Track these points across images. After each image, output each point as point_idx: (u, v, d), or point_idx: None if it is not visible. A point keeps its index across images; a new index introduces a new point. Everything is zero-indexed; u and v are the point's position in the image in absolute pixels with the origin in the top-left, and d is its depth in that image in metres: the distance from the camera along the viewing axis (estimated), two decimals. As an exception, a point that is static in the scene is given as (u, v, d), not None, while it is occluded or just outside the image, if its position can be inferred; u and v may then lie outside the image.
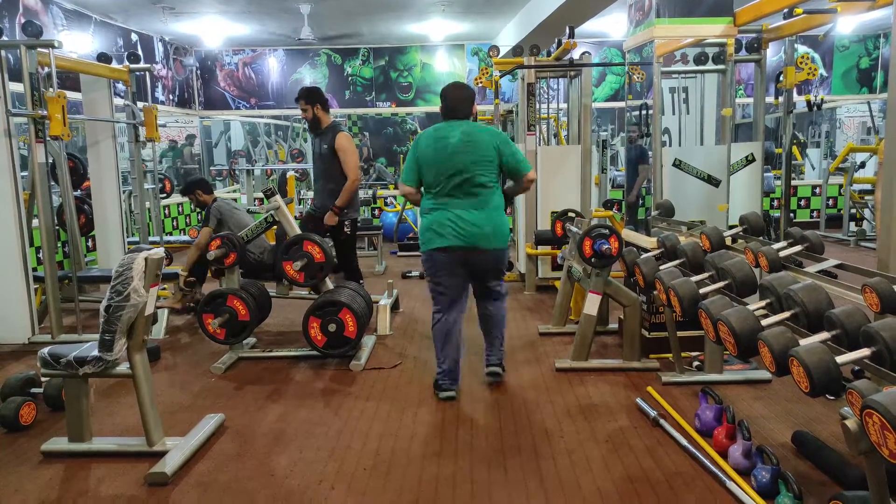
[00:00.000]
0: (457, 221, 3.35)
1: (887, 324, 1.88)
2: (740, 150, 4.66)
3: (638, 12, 4.35)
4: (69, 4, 7.25)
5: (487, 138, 3.40)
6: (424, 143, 3.42)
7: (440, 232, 3.38)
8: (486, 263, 3.47)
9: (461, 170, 3.34)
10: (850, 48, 10.37)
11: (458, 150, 3.35)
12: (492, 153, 3.38)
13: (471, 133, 3.39)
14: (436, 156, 3.37)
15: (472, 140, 3.37)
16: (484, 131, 3.44)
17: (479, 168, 3.36)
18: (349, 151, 4.62)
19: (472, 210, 3.37)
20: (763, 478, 2.43)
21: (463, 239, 3.36)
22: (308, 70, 10.47)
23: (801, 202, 9.95)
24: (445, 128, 3.42)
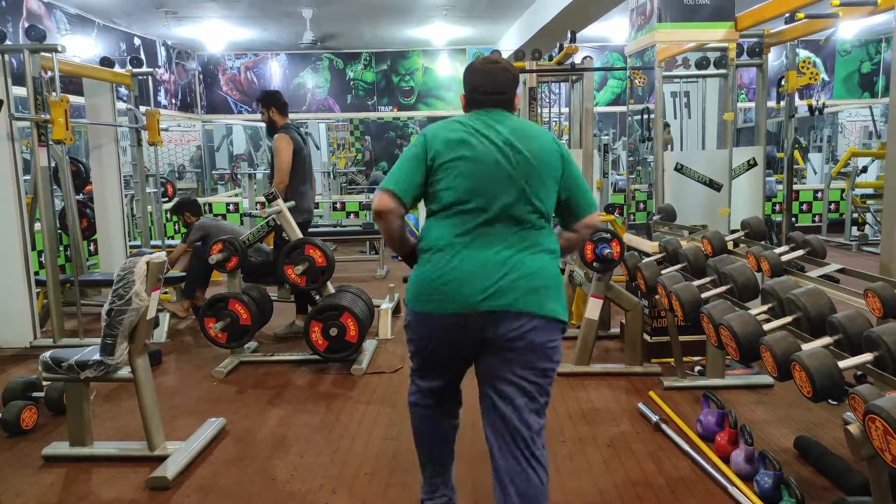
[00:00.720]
0: (483, 266, 1.92)
1: (890, 328, 1.88)
2: (742, 154, 4.65)
3: (639, 17, 4.35)
4: (72, 9, 7.28)
5: (551, 144, 2.06)
6: (447, 137, 2.01)
7: (451, 281, 1.92)
8: (528, 345, 1.93)
9: (512, 190, 1.96)
10: (852, 53, 10.37)
11: (510, 158, 1.97)
12: (556, 165, 2.04)
13: (527, 132, 2.04)
14: (472, 161, 1.97)
15: (529, 142, 2.01)
16: (543, 133, 2.10)
17: (536, 184, 1.99)
18: (279, 152, 4.47)
19: (514, 248, 1.96)
20: (765, 483, 2.42)
21: (492, 296, 1.90)
22: (310, 74, 10.50)
23: (803, 206, 9.93)
24: (481, 120, 2.03)
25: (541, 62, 5.98)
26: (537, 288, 1.94)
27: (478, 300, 1.90)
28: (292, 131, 4.56)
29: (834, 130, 11.37)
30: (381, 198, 1.98)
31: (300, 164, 4.56)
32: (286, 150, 4.45)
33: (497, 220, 1.97)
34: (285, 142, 4.47)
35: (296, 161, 4.51)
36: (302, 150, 4.58)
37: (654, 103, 4.47)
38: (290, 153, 4.46)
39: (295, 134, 4.56)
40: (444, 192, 1.99)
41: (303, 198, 4.62)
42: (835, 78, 10.45)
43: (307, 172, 4.67)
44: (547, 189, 2.02)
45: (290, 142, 4.47)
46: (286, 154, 4.45)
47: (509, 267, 1.93)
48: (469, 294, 1.91)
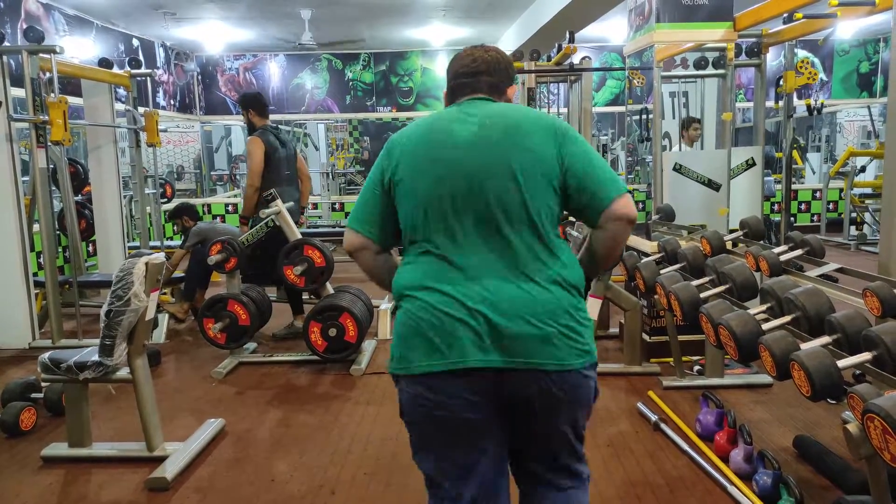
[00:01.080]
0: (478, 305, 1.45)
1: (888, 328, 1.88)
2: (741, 154, 4.66)
3: (638, 17, 4.36)
4: (71, 10, 7.27)
5: (539, 126, 1.55)
6: (406, 147, 1.59)
7: (438, 333, 1.46)
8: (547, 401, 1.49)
9: (483, 191, 1.50)
10: (850, 52, 10.38)
11: (477, 152, 1.52)
12: (550, 157, 1.52)
13: (503, 116, 1.57)
14: (429, 170, 1.54)
15: (506, 128, 1.54)
16: (528, 114, 1.61)
17: (521, 186, 1.50)
18: (250, 155, 4.46)
19: (512, 278, 1.48)
20: (764, 482, 2.42)
21: (494, 346, 1.44)
22: (309, 75, 10.49)
23: (802, 206, 9.94)
24: (449, 115, 1.61)
25: (539, 62, 5.98)
26: (541, 336, 1.43)
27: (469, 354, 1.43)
28: (267, 134, 4.53)
29: (832, 130, 11.39)
30: (350, 238, 1.66)
31: (275, 167, 4.51)
32: (256, 153, 4.44)
33: (479, 234, 1.49)
34: (256, 145, 4.46)
35: (270, 163, 4.47)
36: (276, 151, 4.51)
37: (653, 103, 4.47)
38: (261, 156, 4.43)
39: (270, 136, 4.52)
40: (407, 215, 1.56)
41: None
42: (833, 78, 10.46)
43: (283, 175, 4.59)
44: (542, 183, 1.50)
45: (261, 145, 4.44)
46: (256, 157, 4.44)
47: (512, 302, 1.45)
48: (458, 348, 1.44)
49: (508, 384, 1.46)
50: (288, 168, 4.65)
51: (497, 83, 1.68)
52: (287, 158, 4.64)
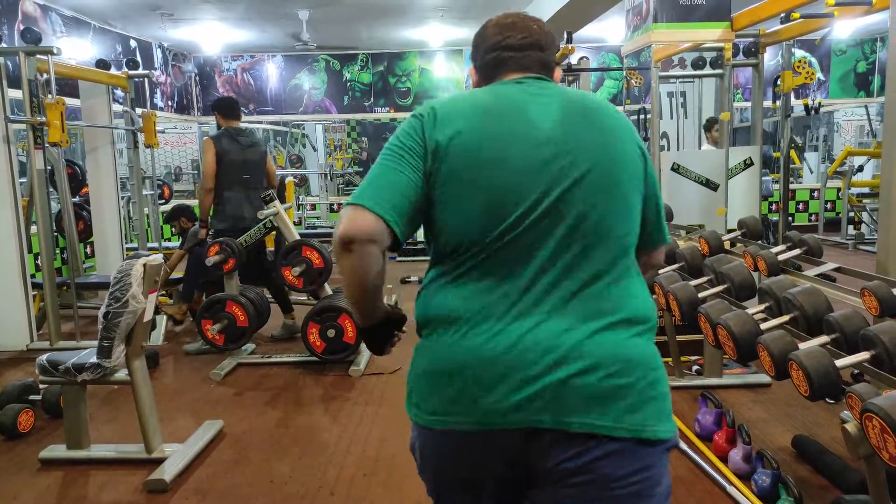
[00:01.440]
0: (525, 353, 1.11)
1: (886, 327, 1.88)
2: (738, 153, 4.66)
3: (636, 17, 4.36)
4: (68, 11, 7.26)
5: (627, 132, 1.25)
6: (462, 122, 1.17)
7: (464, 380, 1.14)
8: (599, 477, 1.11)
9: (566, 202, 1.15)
10: (848, 52, 10.39)
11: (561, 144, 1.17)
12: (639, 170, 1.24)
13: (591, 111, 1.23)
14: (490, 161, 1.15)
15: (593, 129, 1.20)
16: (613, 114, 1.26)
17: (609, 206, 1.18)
18: (202, 158, 4.46)
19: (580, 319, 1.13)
20: (763, 482, 2.42)
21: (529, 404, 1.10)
22: (306, 76, 10.49)
23: (800, 206, 9.96)
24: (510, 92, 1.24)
25: (537, 63, 5.98)
26: (607, 389, 1.10)
27: (504, 409, 1.10)
28: (222, 137, 4.48)
29: (830, 130, 11.39)
30: (353, 217, 1.13)
31: (227, 170, 4.44)
32: (207, 155, 4.43)
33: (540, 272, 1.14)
34: (207, 147, 4.45)
35: (221, 166, 4.43)
36: (229, 154, 4.44)
37: (651, 103, 4.47)
38: (212, 158, 4.40)
39: (224, 139, 4.47)
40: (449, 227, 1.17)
41: (227, 203, 4.48)
42: (830, 77, 10.47)
43: (239, 178, 4.50)
44: (626, 206, 1.20)
45: (211, 147, 4.42)
46: (207, 159, 4.43)
47: (562, 351, 1.10)
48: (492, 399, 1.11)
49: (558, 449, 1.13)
50: (247, 172, 4.53)
51: (549, 62, 1.31)
52: (246, 162, 4.53)
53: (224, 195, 4.48)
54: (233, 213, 4.49)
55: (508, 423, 1.11)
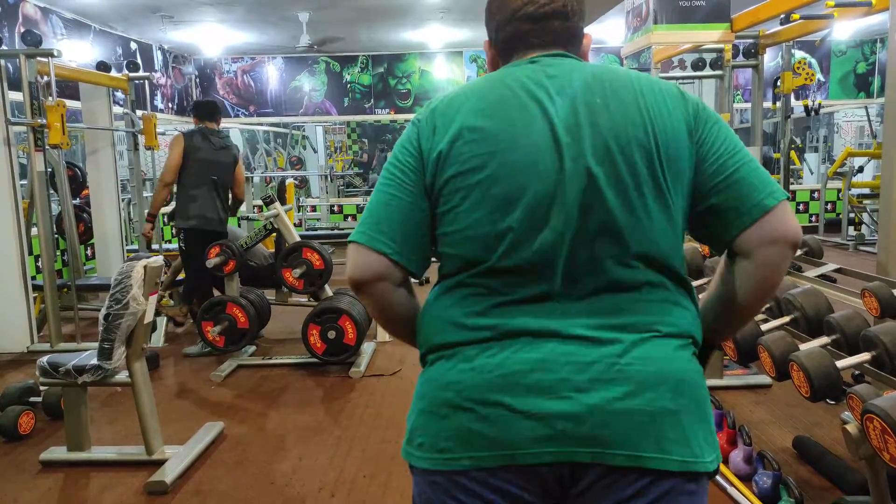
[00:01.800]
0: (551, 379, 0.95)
1: (887, 328, 1.88)
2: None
3: (636, 19, 4.37)
4: (69, 13, 7.27)
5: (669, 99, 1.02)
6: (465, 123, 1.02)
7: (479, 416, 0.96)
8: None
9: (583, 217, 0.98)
10: (847, 53, 10.40)
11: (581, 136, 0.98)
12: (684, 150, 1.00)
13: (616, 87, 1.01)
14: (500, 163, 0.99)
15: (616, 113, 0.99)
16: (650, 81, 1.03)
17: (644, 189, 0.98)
18: (169, 150, 4.36)
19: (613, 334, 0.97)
20: (764, 483, 2.42)
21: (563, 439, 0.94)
22: (307, 77, 10.50)
23: (800, 207, 9.95)
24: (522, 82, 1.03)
25: (537, 64, 5.98)
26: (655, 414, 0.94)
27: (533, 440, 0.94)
28: (194, 134, 4.42)
29: (830, 130, 11.40)
30: (355, 258, 1.05)
31: (194, 168, 4.37)
32: (174, 149, 4.35)
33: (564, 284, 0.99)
34: (175, 141, 4.38)
35: (188, 163, 4.35)
36: (198, 152, 4.36)
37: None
38: (178, 153, 4.32)
39: (196, 137, 4.40)
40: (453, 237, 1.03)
41: (192, 202, 4.38)
42: (830, 78, 10.47)
43: (206, 179, 4.39)
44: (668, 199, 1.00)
45: (180, 142, 4.35)
46: (173, 153, 4.35)
47: (594, 372, 0.95)
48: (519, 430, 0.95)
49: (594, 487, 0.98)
50: (216, 173, 4.43)
51: (576, 31, 1.11)
52: (216, 163, 4.44)
53: (191, 193, 4.38)
54: (198, 212, 4.38)
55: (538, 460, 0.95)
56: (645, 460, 0.93)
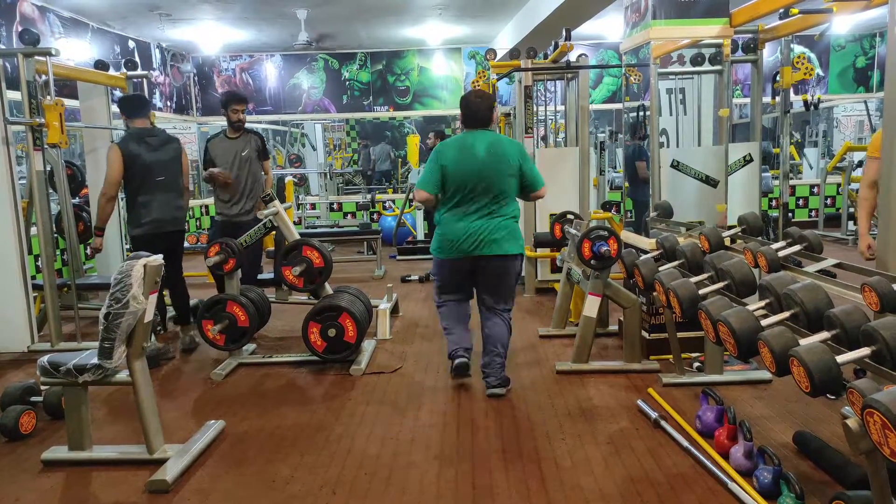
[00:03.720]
0: (474, 231, 3.46)
1: (887, 323, 1.88)
2: (738, 150, 4.66)
3: (634, 14, 4.35)
4: (66, 12, 7.26)
5: (511, 150, 3.53)
6: (450, 154, 3.50)
7: (457, 238, 3.48)
8: (500, 269, 3.54)
9: (485, 181, 3.45)
10: (847, 47, 10.38)
11: (485, 162, 3.45)
12: (515, 165, 3.49)
13: (496, 144, 3.51)
14: (461, 166, 3.46)
15: (497, 151, 3.48)
16: (509, 144, 3.60)
17: (502, 180, 3.48)
18: (107, 164, 4.27)
19: (491, 218, 3.48)
20: (765, 478, 2.43)
21: (478, 246, 3.46)
22: (305, 75, 10.48)
23: (800, 202, 9.95)
24: (470, 138, 3.52)
25: (536, 60, 5.98)
26: (501, 240, 3.49)
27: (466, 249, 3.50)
28: (128, 141, 4.29)
29: (829, 125, 11.39)
30: (420, 194, 3.57)
31: (140, 173, 4.28)
32: (113, 162, 4.24)
33: (481, 198, 3.48)
34: (112, 153, 4.25)
35: (133, 171, 4.26)
36: (139, 158, 4.26)
37: (650, 100, 4.47)
38: (118, 166, 4.22)
39: (131, 144, 4.27)
40: (449, 186, 3.52)
41: (143, 208, 4.31)
42: (829, 73, 10.46)
43: (154, 181, 4.33)
44: (511, 179, 3.51)
45: (118, 154, 4.23)
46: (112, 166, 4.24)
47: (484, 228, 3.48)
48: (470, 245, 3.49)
49: (488, 263, 3.51)
50: (161, 173, 4.37)
51: (488, 120, 3.60)
52: (158, 163, 4.36)
53: (138, 200, 4.30)
54: (151, 217, 4.32)
55: (472, 252, 3.47)
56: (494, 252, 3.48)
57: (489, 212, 3.48)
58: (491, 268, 3.52)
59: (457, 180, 3.46)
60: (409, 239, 8.57)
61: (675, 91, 6.00)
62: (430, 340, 4.66)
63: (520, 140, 5.93)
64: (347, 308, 3.98)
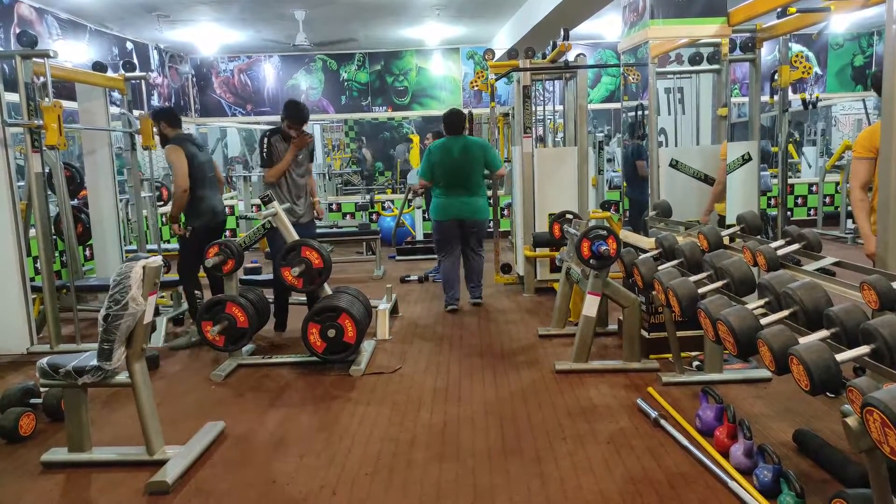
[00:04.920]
0: (457, 203, 5.36)
1: (886, 321, 1.89)
2: (736, 149, 4.66)
3: (632, 13, 4.36)
4: (64, 14, 7.25)
5: (477, 148, 5.39)
6: (437, 153, 5.36)
7: (447, 208, 5.38)
8: (475, 227, 5.45)
9: (461, 170, 5.33)
10: (844, 46, 10.39)
11: (460, 158, 5.31)
12: (480, 158, 5.37)
13: (467, 146, 5.35)
14: (444, 162, 5.32)
15: (468, 150, 5.34)
16: (475, 143, 5.43)
17: (472, 169, 5.36)
18: (173, 162, 4.60)
19: (467, 195, 5.36)
20: (765, 477, 2.43)
21: (460, 213, 5.36)
22: (303, 76, 10.48)
23: (798, 200, 9.96)
24: (450, 142, 5.36)
25: (534, 60, 5.98)
26: (475, 210, 5.41)
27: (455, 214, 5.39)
28: (184, 141, 4.67)
29: (827, 124, 11.40)
30: (420, 182, 5.61)
31: (197, 171, 4.65)
32: (178, 158, 4.57)
33: (459, 182, 5.33)
34: (175, 152, 4.58)
35: (192, 168, 4.61)
36: (196, 157, 4.66)
37: (648, 100, 4.47)
38: (184, 160, 4.56)
39: (187, 143, 4.67)
40: (437, 175, 5.38)
41: (201, 202, 4.70)
42: (828, 71, 10.47)
43: (207, 178, 4.75)
44: (478, 167, 5.37)
45: (180, 150, 4.57)
46: (179, 161, 4.57)
47: (466, 202, 5.37)
48: (456, 211, 5.39)
49: (467, 223, 5.44)
50: (211, 171, 4.84)
51: (462, 128, 5.44)
52: (208, 162, 4.83)
53: (197, 194, 4.68)
54: (210, 210, 4.76)
55: (458, 217, 5.46)
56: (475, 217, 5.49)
57: (467, 192, 5.35)
58: (472, 225, 5.43)
59: (443, 172, 5.33)
60: (409, 239, 8.56)
61: (673, 90, 6.00)
62: (430, 340, 4.66)
63: (518, 140, 5.96)
64: (347, 308, 3.98)
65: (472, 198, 5.35)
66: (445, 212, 5.36)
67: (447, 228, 5.42)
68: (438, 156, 5.31)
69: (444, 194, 5.36)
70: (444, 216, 5.39)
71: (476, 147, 5.35)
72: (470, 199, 5.34)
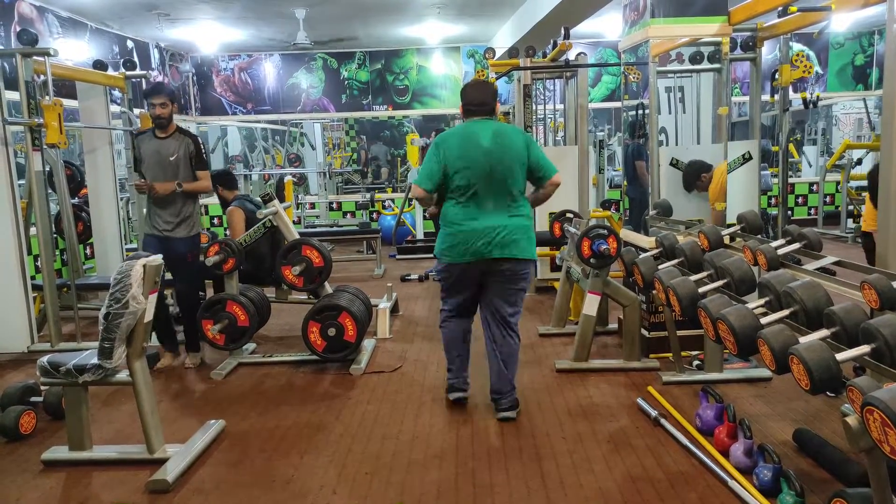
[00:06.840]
0: (481, 231, 3.05)
1: (886, 320, 1.89)
2: (737, 148, 4.66)
3: (633, 12, 4.35)
4: (64, 12, 7.25)
5: (518, 137, 3.14)
6: (453, 143, 3.10)
7: (464, 240, 3.06)
8: (511, 274, 3.12)
9: (496, 173, 3.05)
10: (845, 45, 10.38)
11: (491, 152, 3.05)
12: (523, 153, 3.10)
13: (502, 132, 3.11)
14: (466, 157, 3.05)
15: (504, 139, 3.08)
16: (513, 130, 3.22)
17: (511, 170, 3.08)
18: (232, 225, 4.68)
19: (501, 215, 3.08)
20: (765, 476, 2.43)
21: (488, 248, 3.05)
22: (304, 74, 10.47)
23: (799, 200, 9.95)
24: (474, 126, 3.13)
25: (535, 59, 5.98)
26: (516, 242, 3.12)
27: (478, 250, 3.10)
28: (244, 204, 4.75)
29: (828, 123, 11.39)
30: (416, 191, 3.16)
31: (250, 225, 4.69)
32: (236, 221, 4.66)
33: (490, 193, 3.11)
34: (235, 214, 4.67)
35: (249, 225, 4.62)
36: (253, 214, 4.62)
37: (649, 99, 4.47)
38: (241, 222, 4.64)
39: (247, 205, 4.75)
40: (453, 180, 3.12)
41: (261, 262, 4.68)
42: (828, 71, 10.46)
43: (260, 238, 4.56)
44: (520, 169, 3.14)
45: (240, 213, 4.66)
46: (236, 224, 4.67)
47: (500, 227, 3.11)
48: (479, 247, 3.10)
49: (498, 266, 3.13)
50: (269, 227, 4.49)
51: (491, 108, 3.22)
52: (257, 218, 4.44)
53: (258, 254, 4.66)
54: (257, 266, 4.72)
55: (482, 256, 3.06)
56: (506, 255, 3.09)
57: (506, 208, 3.09)
58: (506, 271, 3.09)
59: (465, 174, 3.04)
60: (409, 238, 8.56)
61: (674, 89, 6.00)
62: (430, 340, 4.66)
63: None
64: (347, 307, 3.98)
65: (516, 221, 3.13)
66: (461, 247, 3.10)
67: (463, 276, 3.18)
68: (455, 149, 3.10)
69: (469, 213, 3.10)
70: (457, 255, 3.12)
71: (516, 136, 3.17)
72: (514, 223, 3.12)
